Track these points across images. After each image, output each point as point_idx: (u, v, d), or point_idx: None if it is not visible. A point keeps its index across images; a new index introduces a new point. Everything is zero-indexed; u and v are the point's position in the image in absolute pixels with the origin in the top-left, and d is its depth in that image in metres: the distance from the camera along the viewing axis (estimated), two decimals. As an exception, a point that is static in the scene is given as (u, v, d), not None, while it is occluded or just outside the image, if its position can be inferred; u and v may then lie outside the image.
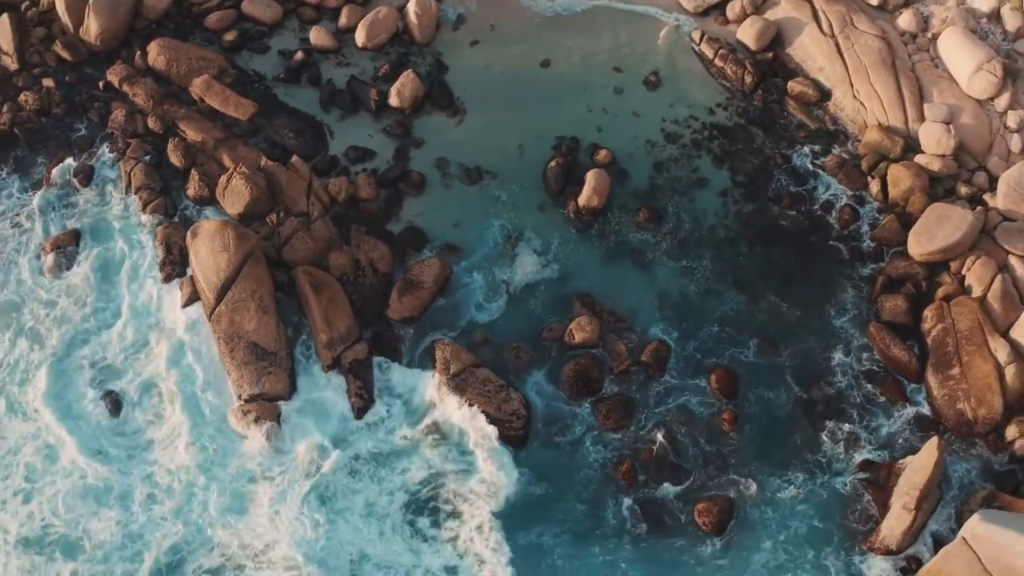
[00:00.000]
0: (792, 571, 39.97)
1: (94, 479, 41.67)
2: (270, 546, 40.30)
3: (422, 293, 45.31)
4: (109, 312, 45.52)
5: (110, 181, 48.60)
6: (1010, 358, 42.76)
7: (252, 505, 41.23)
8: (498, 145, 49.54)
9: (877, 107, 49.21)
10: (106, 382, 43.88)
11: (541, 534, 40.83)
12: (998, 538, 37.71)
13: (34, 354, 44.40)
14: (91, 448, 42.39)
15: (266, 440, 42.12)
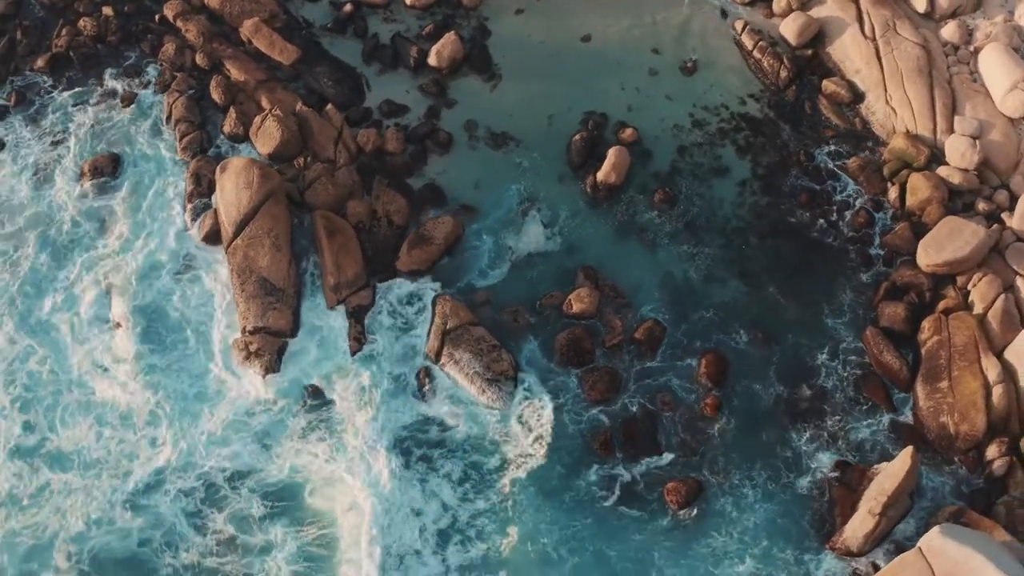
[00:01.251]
0: (739, 558, 39.96)
1: (98, 396, 43.17)
2: (250, 474, 41.50)
3: (432, 249, 45.97)
4: (134, 236, 46.93)
5: (153, 111, 49.93)
6: (1000, 378, 41.99)
7: (240, 435, 42.37)
8: (528, 113, 49.74)
9: (907, 114, 48.34)
10: (122, 302, 45.18)
11: (513, 489, 41.21)
12: (954, 553, 37.32)
13: (54, 269, 46.00)
14: (99, 366, 43.83)
15: (263, 374, 43.41)
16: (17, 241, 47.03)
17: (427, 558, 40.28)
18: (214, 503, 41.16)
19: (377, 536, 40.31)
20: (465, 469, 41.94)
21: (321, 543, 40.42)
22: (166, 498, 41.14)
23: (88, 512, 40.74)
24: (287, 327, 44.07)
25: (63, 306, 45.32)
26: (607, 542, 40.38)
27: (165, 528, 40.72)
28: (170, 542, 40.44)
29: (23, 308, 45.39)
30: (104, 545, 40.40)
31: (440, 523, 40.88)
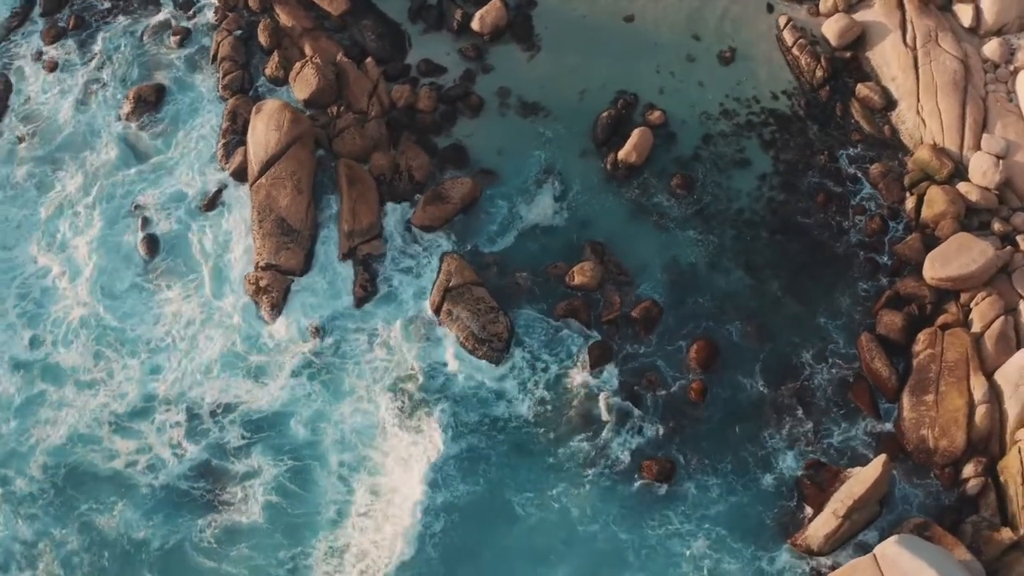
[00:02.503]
0: (693, 537, 40.17)
1: (108, 316, 44.75)
2: (239, 407, 42.89)
3: (447, 207, 46.48)
4: (168, 164, 48.34)
5: (202, 47, 51.14)
6: (985, 398, 41.19)
7: (236, 368, 43.69)
8: (560, 86, 49.71)
9: (936, 126, 47.27)
10: (148, 227, 46.67)
11: (492, 444, 42.02)
12: (906, 564, 36.96)
13: (84, 192, 47.60)
14: (114, 287, 45.49)
15: (269, 309, 44.59)
16: (52, 162, 48.55)
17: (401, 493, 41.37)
18: (200, 432, 42.43)
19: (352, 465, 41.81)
20: (450, 418, 42.58)
21: (302, 475, 41.45)
22: (153, 425, 42.35)
23: (76, 427, 42.25)
24: (298, 267, 45.05)
25: (86, 228, 46.72)
26: (573, 504, 40.98)
27: (149, 453, 41.94)
28: (153, 466, 41.81)
29: (48, 227, 46.89)
30: (85, 461, 41.94)
31: (413, 459, 41.65)
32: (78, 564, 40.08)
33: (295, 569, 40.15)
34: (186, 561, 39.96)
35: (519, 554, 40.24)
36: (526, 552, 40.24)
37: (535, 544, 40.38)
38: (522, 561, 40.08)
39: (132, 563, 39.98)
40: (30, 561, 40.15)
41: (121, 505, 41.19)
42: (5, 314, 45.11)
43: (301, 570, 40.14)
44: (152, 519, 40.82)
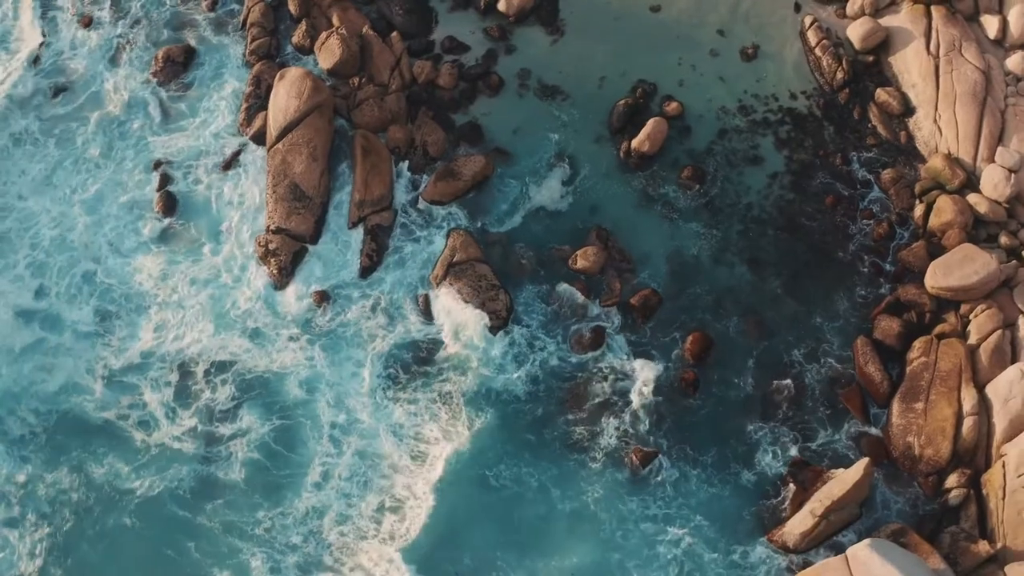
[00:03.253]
0: (669, 524, 40.30)
1: (115, 271, 45.47)
2: (233, 366, 43.46)
3: (458, 184, 46.68)
4: (190, 122, 48.95)
5: (232, 11, 51.52)
6: (974, 410, 40.75)
7: (237, 329, 44.27)
8: (581, 71, 49.63)
9: (952, 136, 46.67)
10: (166, 184, 47.31)
11: (478, 416, 42.28)
12: (876, 568, 36.81)
13: (106, 148, 48.31)
14: (125, 242, 46.15)
15: (276, 273, 45.01)
16: (77, 117, 49.22)
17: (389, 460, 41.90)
18: (193, 390, 43.05)
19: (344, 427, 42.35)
20: (442, 389, 42.93)
21: (290, 435, 42.08)
22: (147, 380, 43.04)
23: (72, 377, 43.04)
24: (307, 232, 45.46)
25: (103, 183, 47.36)
26: (553, 481, 41.29)
27: (142, 409, 42.66)
28: (144, 421, 42.53)
29: (65, 180, 47.60)
30: (76, 410, 42.68)
31: (405, 428, 42.20)
32: (65, 503, 40.74)
33: (272, 528, 40.55)
34: (164, 511, 40.49)
35: (494, 525, 40.48)
36: (501, 524, 40.47)
37: (511, 517, 40.58)
38: (496, 532, 40.33)
39: (114, 508, 40.66)
40: (20, 499, 40.84)
41: (110, 454, 41.89)
42: (15, 264, 45.74)
43: (278, 529, 40.54)
44: (138, 470, 41.39)
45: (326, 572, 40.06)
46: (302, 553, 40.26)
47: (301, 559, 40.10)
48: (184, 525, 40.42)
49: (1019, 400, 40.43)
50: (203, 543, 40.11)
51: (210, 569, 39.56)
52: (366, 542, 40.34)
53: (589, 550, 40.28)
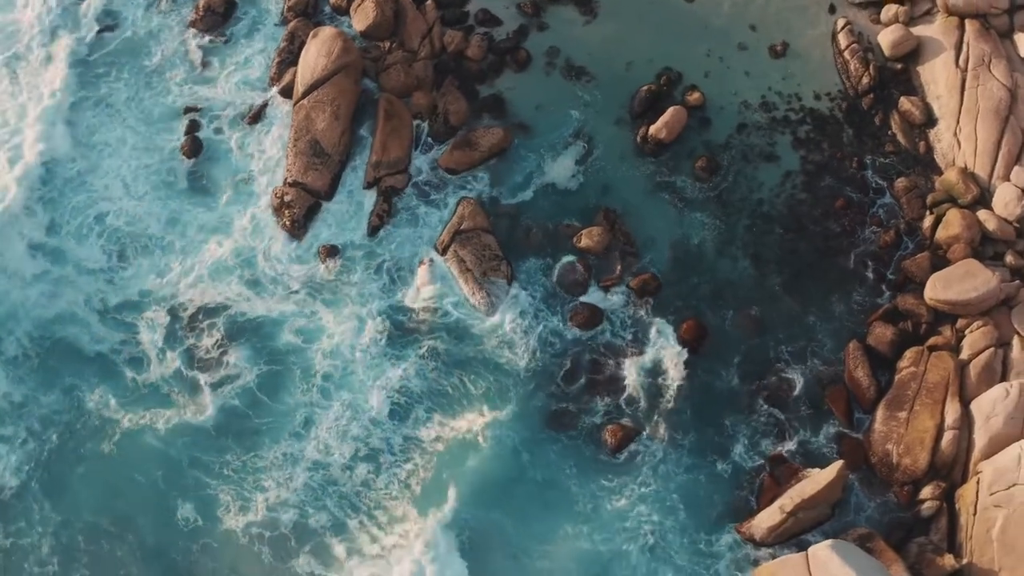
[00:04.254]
0: (642, 502, 40.54)
1: (128, 211, 46.26)
2: (230, 310, 44.26)
3: (474, 154, 46.90)
4: (223, 73, 49.56)
5: (276, -31, 52.73)
6: (955, 424, 40.31)
7: (242, 277, 44.93)
8: (609, 54, 49.38)
9: (970, 150, 45.88)
10: (193, 130, 48.01)
11: (468, 381, 42.80)
12: (834, 569, 36.73)
13: (138, 92, 48.94)
14: (143, 183, 46.93)
15: (289, 225, 45.57)
16: (113, 63, 49.88)
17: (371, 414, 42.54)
18: (186, 333, 43.83)
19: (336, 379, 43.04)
20: (436, 352, 43.37)
21: (277, 382, 42.92)
22: (142, 319, 43.98)
23: (70, 308, 44.03)
24: (323, 188, 46.02)
25: (131, 125, 48.09)
26: (529, 450, 41.66)
27: (135, 346, 43.63)
28: (135, 359, 43.44)
29: (92, 123, 48.31)
30: (72, 339, 43.71)
31: (393, 384, 42.74)
32: (53, 424, 42.00)
33: (242, 469, 41.41)
34: (142, 443, 41.60)
35: (464, 482, 41.03)
36: (472, 483, 41.04)
37: (483, 477, 41.12)
38: (466, 490, 40.88)
39: (97, 435, 41.78)
40: (13, 417, 42.18)
41: (100, 385, 42.87)
42: (31, 198, 46.46)
43: (249, 471, 41.42)
44: (124, 403, 42.48)
45: (291, 510, 40.74)
46: (271, 495, 40.93)
47: (269, 500, 40.79)
48: (159, 458, 41.48)
49: (1001, 418, 39.93)
50: (173, 475, 41.12)
51: (175, 500, 40.60)
52: (335, 487, 41.15)
53: (558, 518, 40.70)
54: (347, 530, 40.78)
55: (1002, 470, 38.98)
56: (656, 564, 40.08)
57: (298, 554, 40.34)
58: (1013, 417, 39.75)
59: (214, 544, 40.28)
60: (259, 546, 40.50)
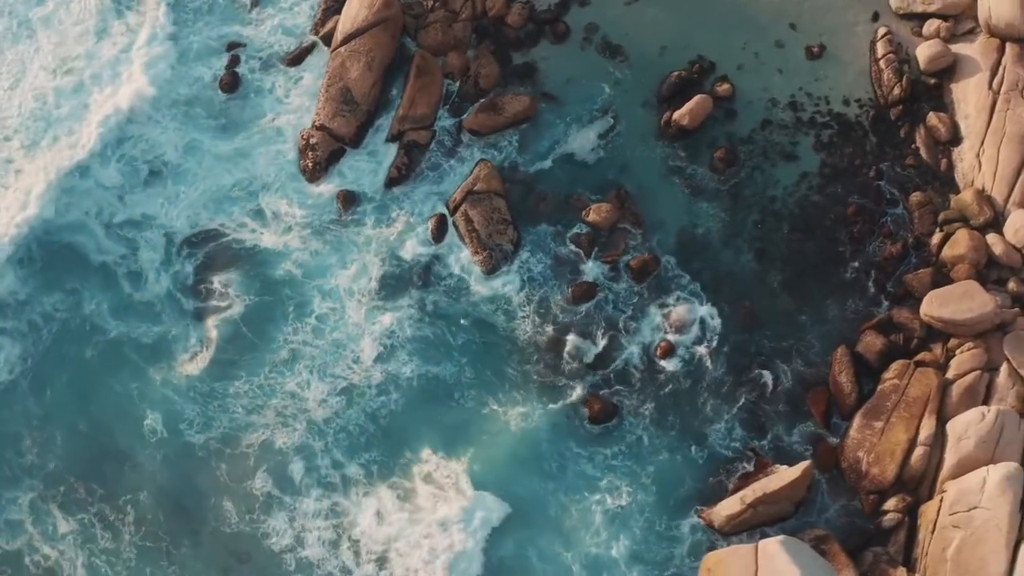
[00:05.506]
0: (607, 473, 40.97)
1: (151, 137, 47.38)
2: (231, 242, 45.28)
3: (498, 119, 47.06)
4: (271, 13, 50.24)
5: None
6: (927, 441, 39.78)
7: (251, 210, 45.96)
8: (646, 36, 48.90)
9: (989, 173, 44.79)
10: (235, 63, 48.98)
11: (457, 335, 43.49)
12: (781, 565, 36.69)
13: (184, 27, 49.98)
14: (174, 109, 48.06)
15: (310, 167, 46.35)
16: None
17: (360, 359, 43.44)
18: (188, 257, 45.00)
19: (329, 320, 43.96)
20: (433, 306, 43.99)
21: (270, 313, 44.12)
22: (143, 238, 45.26)
23: (82, 216, 45.53)
24: (348, 136, 46.67)
25: (170, 54, 49.03)
26: (510, 407, 42.18)
27: (132, 261, 44.99)
28: (134, 273, 44.88)
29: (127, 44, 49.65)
30: (78, 247, 45.23)
31: (384, 331, 43.56)
32: (52, 322, 43.87)
33: (210, 393, 42.70)
34: (124, 356, 43.26)
35: (435, 428, 41.99)
36: (442, 424, 42.05)
37: (452, 424, 42.09)
38: (436, 436, 41.90)
39: (87, 341, 43.58)
40: (16, 313, 44.03)
41: (98, 295, 44.44)
42: (60, 117, 47.99)
43: (217, 397, 42.66)
44: (117, 313, 44.05)
45: (256, 432, 42.05)
46: (239, 418, 42.26)
47: (234, 421, 42.16)
48: (136, 371, 43.12)
49: (972, 441, 39.22)
50: (147, 389, 42.73)
51: (144, 411, 42.14)
52: (306, 415, 42.30)
53: (525, 469, 41.25)
54: (311, 455, 41.85)
55: (965, 492, 38.42)
56: (617, 531, 40.36)
57: (255, 474, 41.54)
58: (985, 441, 39.13)
59: (173, 456, 41.75)
60: (217, 462, 41.81)
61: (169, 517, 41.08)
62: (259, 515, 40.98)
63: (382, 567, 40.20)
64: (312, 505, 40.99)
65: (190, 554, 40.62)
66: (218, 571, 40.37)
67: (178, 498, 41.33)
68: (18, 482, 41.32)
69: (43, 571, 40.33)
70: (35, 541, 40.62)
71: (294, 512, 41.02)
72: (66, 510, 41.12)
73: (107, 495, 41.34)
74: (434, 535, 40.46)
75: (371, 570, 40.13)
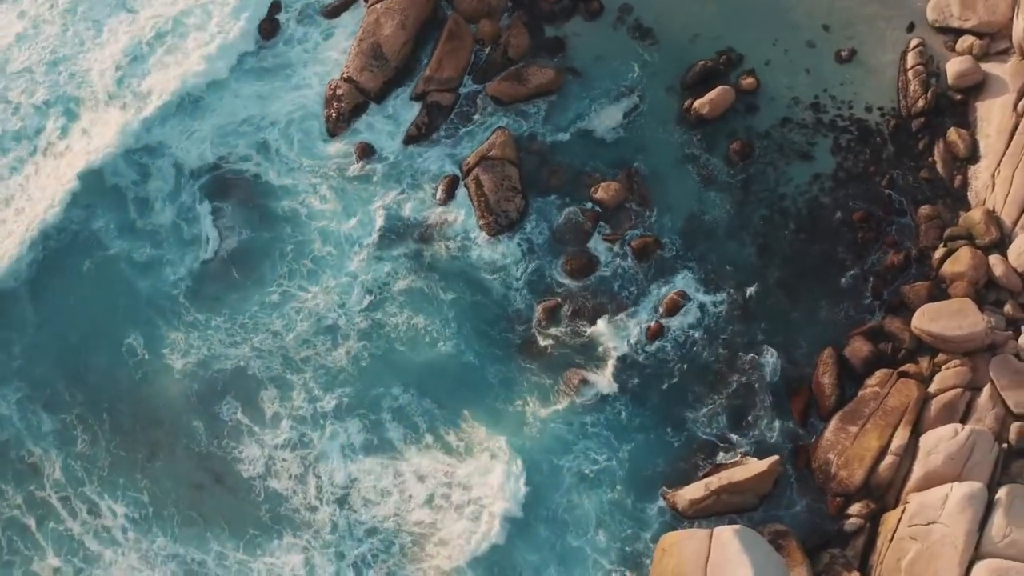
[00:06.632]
0: (580, 440, 41.15)
1: (196, 65, 48.27)
2: (239, 176, 46.27)
3: (521, 89, 47.06)
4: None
5: None
6: (898, 451, 39.31)
7: (269, 151, 46.71)
8: (679, 23, 48.56)
9: (1002, 194, 43.79)
10: (275, 11, 49.59)
11: (451, 289, 43.81)
12: (731, 552, 36.77)
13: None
14: (214, 47, 48.70)
15: (333, 117, 46.78)
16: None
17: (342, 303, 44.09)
18: (192, 190, 45.92)
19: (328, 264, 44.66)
20: (431, 264, 44.35)
21: (266, 252, 44.82)
22: (156, 167, 46.28)
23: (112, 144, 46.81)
24: (373, 90, 47.10)
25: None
26: (494, 365, 42.57)
27: (142, 187, 46.00)
28: (141, 199, 45.87)
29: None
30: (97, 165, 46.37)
31: (377, 282, 44.11)
32: (65, 232, 45.14)
33: (192, 324, 43.65)
34: (117, 273, 44.32)
35: (413, 369, 42.51)
36: (421, 371, 42.48)
37: (433, 372, 42.50)
38: (412, 374, 42.47)
39: (87, 254, 44.75)
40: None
41: (107, 213, 45.53)
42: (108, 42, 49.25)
43: (199, 327, 43.55)
44: (121, 234, 45.15)
45: (232, 360, 42.89)
46: (216, 348, 43.17)
47: (212, 350, 43.09)
48: (127, 289, 44.26)
49: (941, 456, 38.69)
50: (133, 308, 43.81)
51: (127, 330, 43.19)
52: (283, 350, 42.97)
53: (501, 429, 41.47)
54: (285, 387, 42.61)
55: (926, 505, 37.98)
56: (585, 499, 40.47)
57: (224, 398, 42.44)
58: (953, 458, 38.54)
59: (152, 375, 42.74)
60: (191, 383, 42.70)
61: (145, 430, 42.11)
62: (228, 441, 41.75)
63: (343, 505, 40.79)
64: (282, 437, 41.72)
65: (165, 468, 41.57)
66: (193, 487, 41.24)
67: (155, 414, 42.33)
68: (8, 382, 42.64)
69: (26, 466, 41.62)
70: (22, 436, 41.91)
71: (263, 442, 41.68)
72: (50, 411, 42.39)
73: (87, 402, 42.51)
74: (404, 476, 40.99)
75: (334, 509, 40.71)
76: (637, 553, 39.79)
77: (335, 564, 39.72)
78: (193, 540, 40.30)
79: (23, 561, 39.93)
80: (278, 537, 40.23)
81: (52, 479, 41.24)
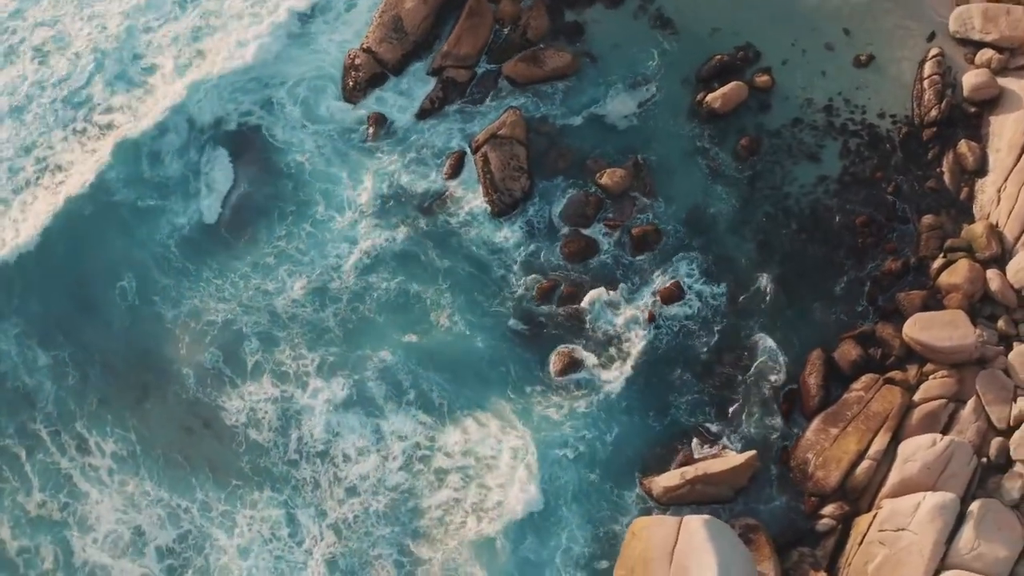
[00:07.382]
0: (569, 420, 40.97)
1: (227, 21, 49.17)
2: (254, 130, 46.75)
3: (537, 71, 46.93)
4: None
5: None
6: (876, 456, 38.99)
7: (279, 115, 46.94)
8: (700, 16, 48.21)
9: (1006, 210, 43.17)
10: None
11: (441, 262, 43.95)
12: (698, 541, 36.53)
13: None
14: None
15: (349, 85, 47.05)
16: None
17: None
18: (210, 140, 46.53)
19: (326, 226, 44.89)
20: (430, 235, 44.38)
21: (267, 212, 45.28)
22: (174, 124, 46.62)
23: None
24: (391, 62, 47.22)
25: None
26: (487, 340, 42.52)
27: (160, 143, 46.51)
28: (154, 153, 46.18)
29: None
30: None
31: (373, 247, 44.27)
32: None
33: (184, 271, 44.01)
34: (119, 217, 44.76)
35: (399, 333, 42.73)
36: (407, 336, 42.62)
37: (419, 339, 42.62)
38: (397, 339, 42.65)
39: (91, 201, 44.88)
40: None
41: (115, 166, 45.87)
42: None
43: (193, 280, 43.95)
44: (127, 184, 45.42)
45: (220, 313, 43.22)
46: (205, 303, 43.56)
47: (201, 303, 43.48)
48: (126, 235, 44.56)
49: (917, 465, 38.32)
50: (130, 253, 44.21)
51: (122, 273, 43.66)
52: (271, 308, 43.40)
53: (492, 399, 41.57)
54: (271, 343, 42.91)
55: (898, 512, 37.68)
56: (563, 478, 40.35)
57: (208, 348, 42.83)
58: (929, 468, 38.12)
59: (140, 321, 43.18)
60: (179, 333, 43.07)
61: (135, 373, 42.51)
62: (212, 391, 42.08)
63: (324, 460, 41.14)
64: (266, 390, 42.05)
65: (155, 409, 42.00)
66: (182, 430, 41.70)
67: (145, 358, 42.71)
68: (7, 317, 43.36)
69: (21, 396, 42.17)
70: (19, 369, 42.48)
71: (245, 393, 42.06)
72: (44, 347, 42.87)
73: (81, 342, 42.89)
74: (384, 436, 41.21)
75: (316, 463, 41.07)
76: (612, 534, 39.82)
77: (316, 523, 40.01)
78: (179, 485, 40.72)
79: (11, 491, 40.59)
80: (258, 489, 40.52)
81: (44, 412, 41.90)
